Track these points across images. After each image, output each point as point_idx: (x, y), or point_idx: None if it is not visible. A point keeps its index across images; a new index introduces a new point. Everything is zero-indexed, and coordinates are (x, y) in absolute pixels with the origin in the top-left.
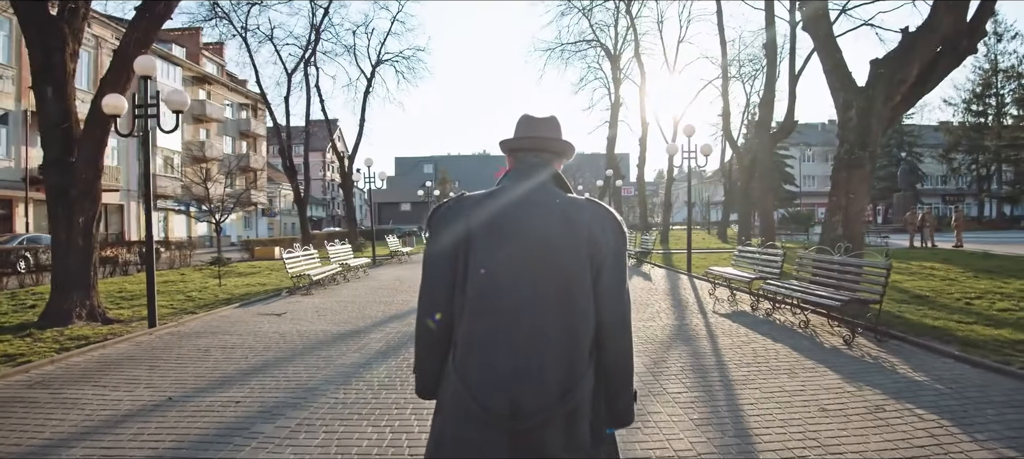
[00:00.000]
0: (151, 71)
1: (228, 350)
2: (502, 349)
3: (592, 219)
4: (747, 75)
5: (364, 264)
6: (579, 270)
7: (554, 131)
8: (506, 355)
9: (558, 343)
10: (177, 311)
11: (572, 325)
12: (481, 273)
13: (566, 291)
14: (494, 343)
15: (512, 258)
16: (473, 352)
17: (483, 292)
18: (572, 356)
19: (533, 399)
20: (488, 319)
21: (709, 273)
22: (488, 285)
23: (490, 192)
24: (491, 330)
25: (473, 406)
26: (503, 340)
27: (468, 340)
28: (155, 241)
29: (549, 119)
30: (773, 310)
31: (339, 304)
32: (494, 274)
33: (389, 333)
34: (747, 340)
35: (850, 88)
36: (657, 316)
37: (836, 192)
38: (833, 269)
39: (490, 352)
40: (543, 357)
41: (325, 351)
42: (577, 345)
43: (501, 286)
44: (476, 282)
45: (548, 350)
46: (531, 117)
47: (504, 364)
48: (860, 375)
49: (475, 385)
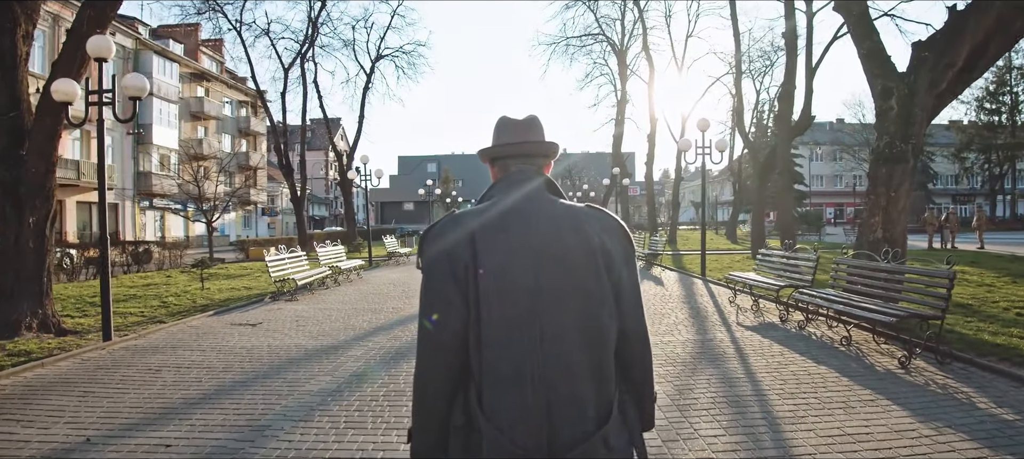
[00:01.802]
0: (106, 53)
1: (182, 371)
2: (532, 383)
3: (602, 228)
4: (757, 71)
5: (358, 266)
6: (599, 286)
7: (538, 133)
8: (538, 388)
9: (589, 369)
10: (145, 320)
11: (599, 346)
12: (496, 298)
13: (589, 311)
14: (522, 377)
15: (527, 279)
16: (500, 390)
17: (502, 319)
18: (602, 379)
19: (571, 431)
20: (512, 350)
21: (729, 279)
22: (507, 314)
23: (487, 207)
24: (517, 361)
25: (509, 447)
26: (532, 370)
27: (493, 375)
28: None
29: (530, 120)
30: (806, 323)
31: (323, 312)
32: (511, 299)
33: (370, 350)
34: (783, 361)
35: (889, 74)
36: (676, 329)
37: (875, 190)
38: (879, 278)
39: (520, 387)
40: (576, 385)
41: (293, 372)
42: (605, 367)
43: (520, 312)
44: (492, 308)
45: (580, 377)
46: (511, 120)
47: (537, 398)
48: (932, 411)
49: (508, 426)
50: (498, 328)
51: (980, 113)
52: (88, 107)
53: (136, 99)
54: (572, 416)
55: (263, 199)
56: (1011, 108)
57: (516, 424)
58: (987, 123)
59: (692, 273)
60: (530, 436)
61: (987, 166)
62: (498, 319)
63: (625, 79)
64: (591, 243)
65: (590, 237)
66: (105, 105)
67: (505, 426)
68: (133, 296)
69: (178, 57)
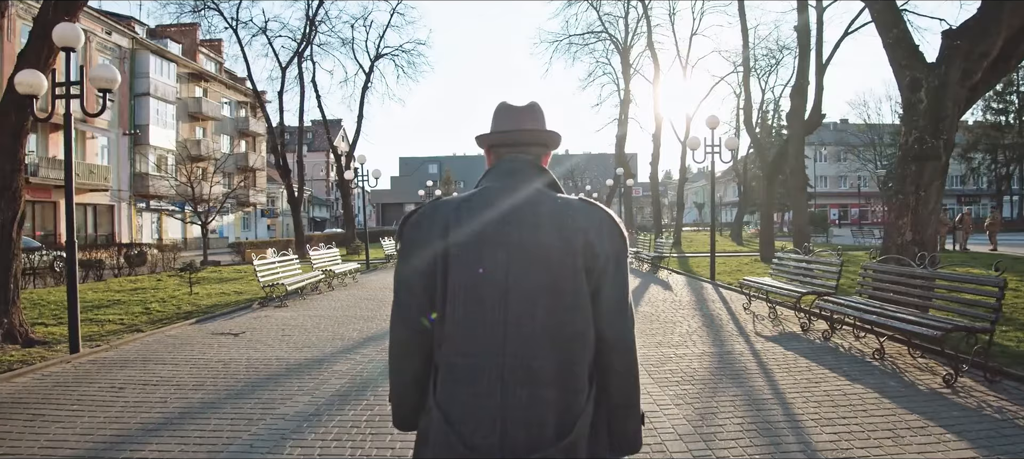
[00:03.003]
0: (74, 42)
1: (148, 389)
2: (489, 381)
3: (587, 223)
4: (762, 70)
5: (353, 269)
6: (575, 285)
7: (538, 121)
8: (494, 388)
9: (554, 375)
10: (123, 328)
11: (569, 351)
12: (461, 293)
13: (560, 310)
14: (479, 374)
15: (497, 275)
16: (456, 384)
17: (465, 316)
18: (570, 388)
19: (526, 438)
20: (471, 347)
21: (744, 284)
22: (470, 308)
23: (469, 196)
24: (475, 359)
25: (458, 445)
26: (489, 371)
27: (450, 371)
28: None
29: (530, 107)
30: (831, 333)
31: (312, 320)
32: (477, 294)
33: (358, 364)
34: (813, 378)
35: (918, 64)
36: (689, 340)
37: (903, 189)
38: (913, 285)
39: (475, 384)
40: (537, 390)
41: (269, 391)
42: (575, 374)
43: (485, 308)
44: (456, 304)
45: (543, 382)
46: (510, 106)
47: (492, 398)
48: (995, 441)
49: (459, 422)
50: (461, 323)
51: (987, 113)
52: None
53: (106, 92)
54: (528, 420)
55: (262, 200)
56: (1019, 108)
57: (466, 420)
58: (994, 123)
59: (700, 277)
60: (479, 435)
61: (994, 166)
62: (462, 314)
63: (628, 78)
64: (572, 240)
65: (573, 234)
66: (73, 98)
67: (455, 420)
68: (117, 301)
69: (176, 57)
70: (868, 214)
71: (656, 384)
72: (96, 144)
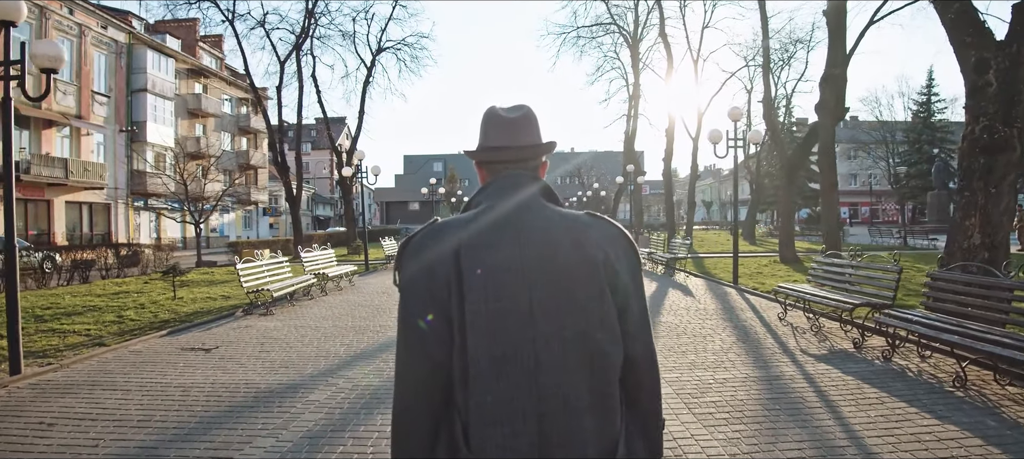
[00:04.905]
0: (14, 15)
1: (84, 426)
2: (525, 417)
3: (603, 239)
4: (774, 65)
5: (350, 272)
6: (601, 306)
7: (533, 134)
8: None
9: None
10: (87, 340)
11: (602, 374)
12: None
13: (590, 336)
14: (513, 411)
15: (520, 300)
16: (488, 427)
17: (490, 348)
18: (606, 413)
19: None
20: (501, 383)
21: (780, 292)
22: (495, 338)
23: (473, 217)
24: (508, 395)
25: None
26: (525, 405)
27: (480, 411)
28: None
29: (522, 118)
30: (891, 352)
31: (297, 331)
32: (502, 326)
33: (338, 391)
34: (891, 413)
35: (985, 43)
36: (727, 360)
37: (969, 186)
38: (993, 296)
39: (511, 423)
40: (575, 419)
41: (227, 429)
42: (609, 398)
43: (512, 341)
44: (479, 336)
45: (579, 410)
46: (500, 116)
47: (530, 437)
48: None
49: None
50: (485, 358)
51: None
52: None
53: (50, 72)
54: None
55: (264, 199)
56: None
57: None
58: None
59: (721, 280)
60: None
61: None
62: (485, 348)
63: (638, 72)
64: (593, 258)
65: (592, 251)
66: (12, 79)
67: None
68: (93, 308)
69: (174, 52)
70: (879, 213)
71: (699, 422)
72: (91, 141)
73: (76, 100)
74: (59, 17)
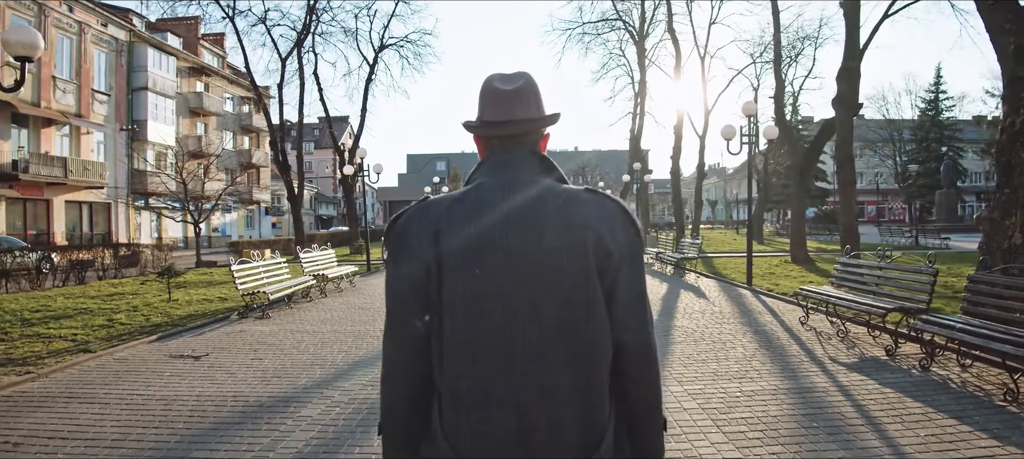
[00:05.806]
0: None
1: (54, 445)
2: (500, 405)
3: (598, 218)
4: (784, 61)
5: (351, 273)
6: (588, 293)
7: (531, 107)
8: (507, 412)
9: (571, 391)
10: (73, 346)
11: (586, 365)
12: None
13: (574, 324)
14: (488, 398)
15: (500, 283)
16: (462, 413)
17: (466, 331)
18: (590, 405)
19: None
20: (477, 367)
21: (802, 295)
22: (471, 323)
23: (462, 195)
24: (483, 381)
25: None
26: (500, 393)
27: (454, 396)
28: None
29: (523, 88)
30: (929, 360)
31: (292, 337)
32: (478, 308)
33: (334, 405)
34: (942, 433)
35: None
36: (752, 369)
37: (1009, 183)
38: None
39: (485, 409)
40: (555, 410)
41: (209, 449)
42: (595, 386)
43: (488, 324)
44: (454, 320)
45: (559, 400)
46: (497, 89)
47: (506, 425)
48: None
49: (470, 451)
50: (462, 342)
51: None
52: None
53: (25, 59)
54: (547, 446)
55: (267, 198)
56: None
57: (479, 450)
58: None
59: (733, 281)
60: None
61: None
62: (462, 331)
63: (644, 69)
64: (583, 240)
65: (582, 232)
66: None
67: (466, 451)
68: (84, 311)
69: (175, 50)
70: (886, 211)
71: (731, 442)
72: (91, 140)
73: (76, 98)
74: (58, 14)
